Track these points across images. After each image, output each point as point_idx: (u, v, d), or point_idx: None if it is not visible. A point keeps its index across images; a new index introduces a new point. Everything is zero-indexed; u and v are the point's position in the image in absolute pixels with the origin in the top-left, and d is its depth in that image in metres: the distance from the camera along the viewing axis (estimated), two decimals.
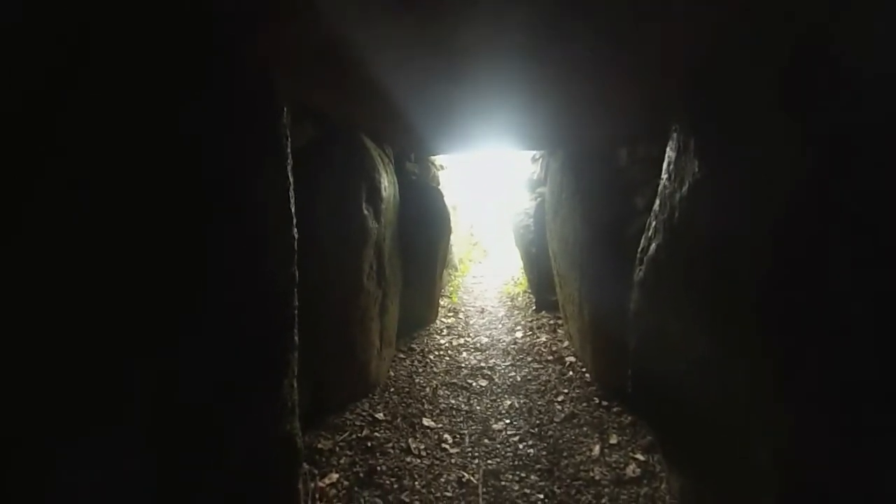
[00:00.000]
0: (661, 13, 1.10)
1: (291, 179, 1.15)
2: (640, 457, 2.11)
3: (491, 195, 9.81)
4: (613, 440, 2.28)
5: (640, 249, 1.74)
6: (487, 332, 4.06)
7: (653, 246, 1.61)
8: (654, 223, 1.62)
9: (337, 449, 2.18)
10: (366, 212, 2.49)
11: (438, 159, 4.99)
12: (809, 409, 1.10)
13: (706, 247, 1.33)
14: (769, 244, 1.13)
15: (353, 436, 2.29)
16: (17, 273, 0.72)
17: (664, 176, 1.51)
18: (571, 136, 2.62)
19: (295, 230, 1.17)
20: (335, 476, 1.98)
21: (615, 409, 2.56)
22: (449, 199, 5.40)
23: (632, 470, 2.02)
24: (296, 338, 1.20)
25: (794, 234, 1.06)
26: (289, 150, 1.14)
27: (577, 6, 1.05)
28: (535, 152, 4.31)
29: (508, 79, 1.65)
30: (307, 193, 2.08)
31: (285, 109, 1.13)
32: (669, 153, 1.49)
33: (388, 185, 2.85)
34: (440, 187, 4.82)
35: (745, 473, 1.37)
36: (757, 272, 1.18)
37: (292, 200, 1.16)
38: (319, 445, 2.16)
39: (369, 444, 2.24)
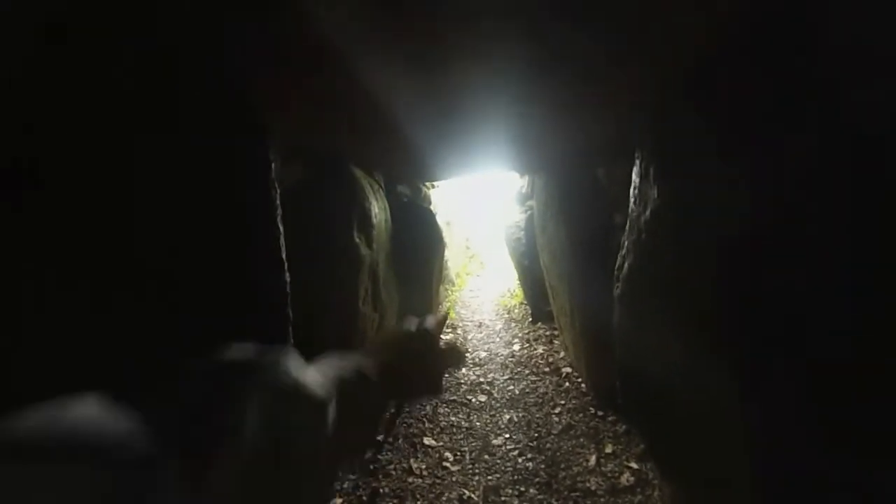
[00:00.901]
0: (625, 58, 1.22)
1: (282, 228, 1.25)
2: (633, 465, 2.17)
3: (485, 207, 9.94)
4: (608, 449, 2.35)
5: (616, 267, 1.84)
6: (486, 347, 4.13)
7: (626, 264, 1.71)
8: (626, 243, 1.72)
9: (339, 473, 2.24)
10: (357, 240, 2.59)
11: None
12: (777, 411, 1.18)
13: (670, 265, 1.42)
14: (724, 260, 1.23)
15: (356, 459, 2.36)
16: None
17: (631, 199, 1.61)
18: (554, 160, 2.75)
19: (287, 275, 1.26)
20: (339, 501, 2.04)
21: (610, 419, 2.63)
22: (443, 215, 5.51)
23: (626, 479, 2.08)
24: None
25: (746, 250, 1.15)
26: (278, 202, 1.24)
27: (557, 54, 1.17)
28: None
29: (496, 114, 1.77)
30: (300, 228, 2.19)
31: (273, 163, 1.24)
32: (635, 178, 1.60)
33: (378, 211, 2.95)
34: (432, 206, 4.93)
35: (729, 477, 1.44)
36: (716, 285, 1.27)
37: (283, 247, 1.26)
38: None
39: (372, 467, 2.30)
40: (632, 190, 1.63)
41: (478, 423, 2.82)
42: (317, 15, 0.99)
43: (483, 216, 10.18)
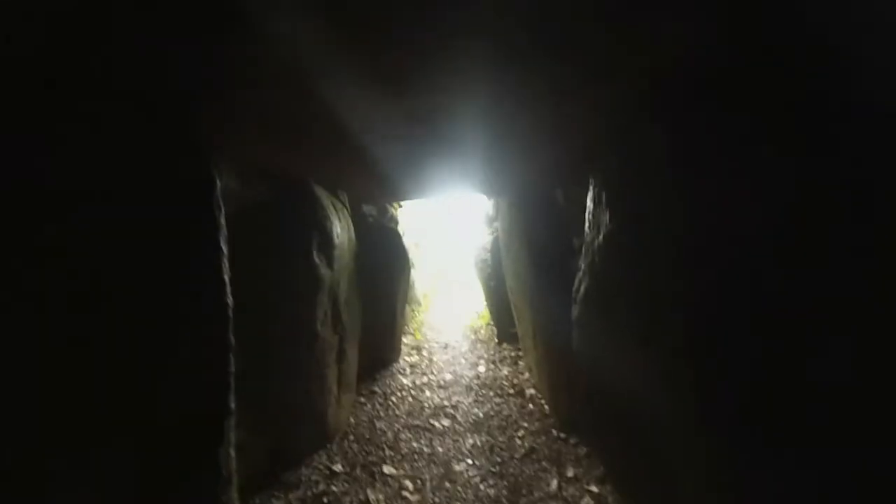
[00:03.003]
0: (575, 95, 1.26)
1: (225, 249, 1.19)
2: (594, 488, 2.16)
3: (455, 228, 9.99)
4: (570, 473, 2.32)
5: (574, 290, 1.87)
6: (451, 369, 4.07)
7: (582, 287, 1.74)
8: (582, 266, 1.75)
9: None
10: (317, 260, 2.52)
11: None
12: (724, 433, 1.20)
13: (620, 288, 1.46)
14: (673, 281, 1.26)
15: (308, 492, 2.22)
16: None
17: (586, 225, 1.66)
18: (515, 182, 2.81)
19: (229, 297, 1.20)
20: None
21: (572, 442, 2.62)
22: (411, 235, 5.49)
23: (586, 503, 2.06)
24: (232, 404, 1.20)
25: (694, 271, 1.19)
26: (223, 221, 1.19)
27: (518, 93, 1.20)
28: None
29: (463, 141, 1.79)
30: (256, 249, 2.10)
31: (218, 182, 1.19)
32: (589, 204, 1.65)
33: (341, 231, 2.89)
34: (399, 226, 4.90)
35: (683, 499, 1.45)
36: (661, 307, 1.31)
37: (226, 268, 1.19)
38: None
39: (325, 501, 2.17)
40: (587, 215, 1.68)
41: (440, 449, 2.73)
42: (268, 37, 0.97)
43: (452, 237, 10.21)
